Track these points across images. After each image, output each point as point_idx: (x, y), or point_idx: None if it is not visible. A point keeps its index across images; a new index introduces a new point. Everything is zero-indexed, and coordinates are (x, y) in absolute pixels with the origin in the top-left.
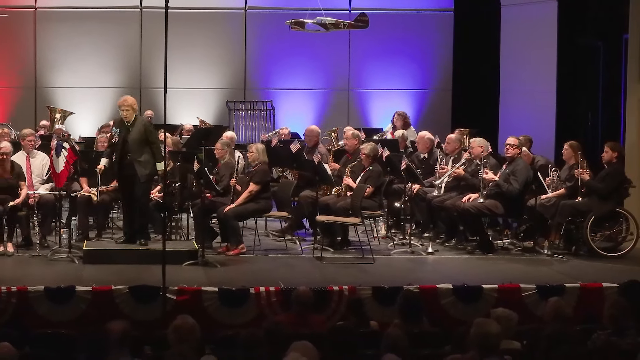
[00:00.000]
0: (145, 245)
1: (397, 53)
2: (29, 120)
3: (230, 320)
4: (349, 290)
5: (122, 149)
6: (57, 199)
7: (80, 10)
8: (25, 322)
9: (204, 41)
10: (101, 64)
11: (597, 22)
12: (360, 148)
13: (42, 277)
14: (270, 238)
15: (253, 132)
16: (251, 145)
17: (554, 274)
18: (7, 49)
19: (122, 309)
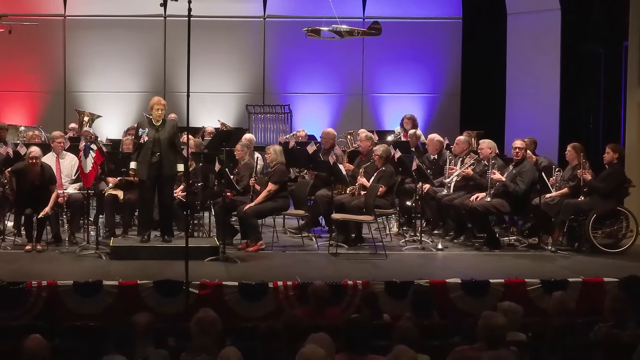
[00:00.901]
0: (169, 241)
1: (408, 59)
2: (59, 123)
3: (249, 313)
4: (362, 284)
5: (152, 149)
6: (85, 198)
7: (108, 18)
8: (55, 315)
9: (225, 48)
10: (127, 69)
11: (599, 30)
12: (374, 149)
13: (71, 272)
14: (287, 235)
15: (271, 135)
16: (269, 146)
17: (558, 269)
18: (38, 56)
19: (147, 303)
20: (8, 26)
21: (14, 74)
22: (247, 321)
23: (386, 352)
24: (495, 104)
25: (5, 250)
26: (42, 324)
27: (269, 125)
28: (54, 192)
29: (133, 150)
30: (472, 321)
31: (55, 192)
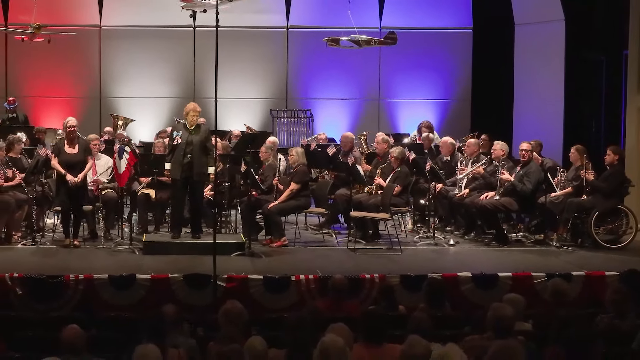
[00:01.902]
0: (198, 238)
1: (422, 67)
2: (95, 126)
3: (273, 304)
4: (379, 278)
5: (184, 151)
6: (119, 196)
7: (140, 28)
8: (92, 307)
9: (250, 56)
10: (159, 76)
11: (600, 40)
12: (390, 151)
13: (106, 267)
14: (309, 232)
15: (294, 137)
16: (292, 149)
17: (562, 263)
18: (75, 64)
19: (177, 295)
20: (47, 36)
21: (53, 80)
22: (271, 312)
23: (401, 341)
24: (503, 108)
25: (45, 246)
26: (79, 315)
27: (291, 129)
28: (89, 162)
29: (167, 152)
30: (481, 312)
31: (91, 162)
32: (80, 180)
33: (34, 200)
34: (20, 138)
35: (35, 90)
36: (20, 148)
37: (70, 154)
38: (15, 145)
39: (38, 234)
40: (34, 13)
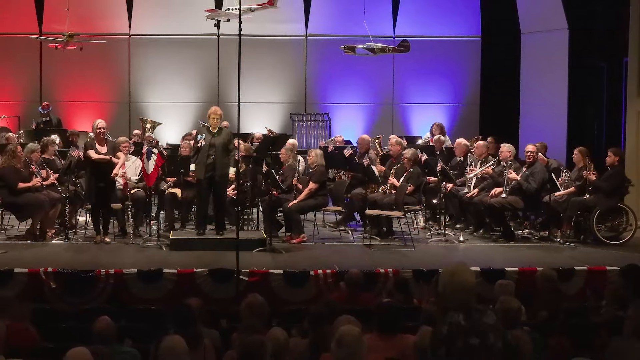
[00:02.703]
0: (222, 234)
1: (433, 73)
2: (124, 129)
3: (293, 298)
4: (393, 272)
5: (208, 153)
6: (147, 195)
7: (168, 37)
8: (122, 299)
9: (272, 63)
10: (185, 82)
11: (602, 47)
12: (403, 153)
13: (135, 262)
14: (326, 229)
15: (312, 140)
16: (311, 150)
17: (566, 258)
18: (106, 70)
19: (202, 289)
20: (79, 44)
21: (85, 86)
22: (291, 305)
23: (414, 332)
24: (510, 112)
25: (77, 242)
26: (110, 307)
27: (310, 132)
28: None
29: (192, 153)
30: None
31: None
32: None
33: (67, 199)
34: (54, 140)
35: (68, 95)
36: (54, 150)
37: (101, 153)
38: (49, 147)
39: (71, 231)
40: (67, 22)
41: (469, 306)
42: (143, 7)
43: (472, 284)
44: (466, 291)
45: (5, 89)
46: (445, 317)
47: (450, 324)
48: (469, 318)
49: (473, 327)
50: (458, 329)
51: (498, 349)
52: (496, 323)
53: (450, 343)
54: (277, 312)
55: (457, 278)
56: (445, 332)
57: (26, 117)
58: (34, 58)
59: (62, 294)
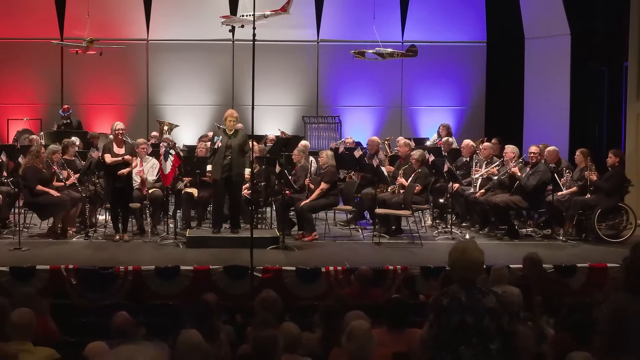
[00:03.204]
0: (237, 232)
1: (440, 77)
2: (142, 131)
3: (305, 293)
4: (401, 269)
5: (224, 154)
6: (165, 195)
7: (184, 42)
8: (140, 295)
9: (284, 67)
10: (201, 85)
11: (603, 52)
12: (411, 154)
13: (153, 259)
14: (337, 227)
15: (324, 141)
16: (322, 151)
17: (568, 256)
18: (124, 74)
19: (218, 285)
20: (99, 49)
21: (104, 89)
22: (303, 300)
23: (421, 326)
24: (514, 114)
25: (97, 240)
26: (128, 303)
27: (321, 133)
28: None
29: (209, 155)
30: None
31: (136, 161)
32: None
33: (87, 198)
34: (74, 142)
35: (88, 98)
36: (74, 151)
37: (119, 154)
38: (70, 149)
39: (91, 229)
40: (87, 28)
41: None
42: (160, 14)
43: (480, 260)
44: (474, 267)
45: (28, 92)
46: (448, 290)
47: (452, 298)
48: (471, 297)
49: (472, 306)
50: (459, 304)
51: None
52: (495, 306)
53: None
54: (289, 307)
55: (467, 254)
56: (445, 304)
57: (48, 119)
58: (55, 63)
59: (82, 290)
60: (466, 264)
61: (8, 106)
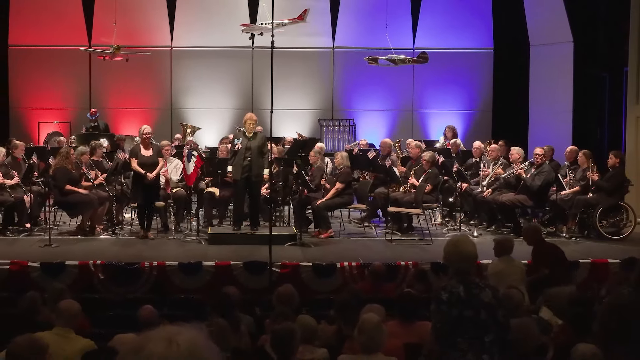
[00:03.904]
0: (256, 230)
1: (450, 82)
2: (166, 134)
3: (321, 288)
4: (413, 264)
5: (244, 155)
6: (188, 194)
7: (206, 49)
8: (164, 289)
9: (301, 73)
10: (222, 90)
11: (604, 59)
12: (422, 155)
13: (176, 255)
14: (352, 225)
15: (339, 143)
16: (337, 153)
17: (571, 252)
18: (149, 79)
19: (238, 279)
20: (125, 56)
21: (130, 94)
22: (319, 294)
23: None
24: (520, 118)
25: (123, 237)
26: (154, 297)
27: (336, 136)
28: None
29: (230, 156)
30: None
31: (161, 163)
32: (155, 175)
33: (114, 197)
34: (102, 144)
35: (114, 102)
36: (102, 152)
37: (146, 156)
38: (97, 150)
39: (117, 226)
40: (114, 36)
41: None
42: (184, 22)
43: (473, 253)
44: (468, 259)
45: (58, 96)
46: (447, 286)
47: (451, 293)
48: (469, 292)
49: (470, 300)
50: (458, 299)
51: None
52: (491, 301)
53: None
54: (306, 301)
55: (460, 248)
56: (444, 298)
57: (77, 122)
58: (84, 68)
59: (109, 285)
60: (460, 257)
61: (39, 110)
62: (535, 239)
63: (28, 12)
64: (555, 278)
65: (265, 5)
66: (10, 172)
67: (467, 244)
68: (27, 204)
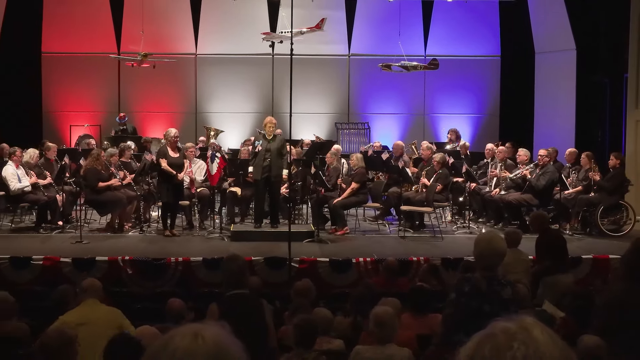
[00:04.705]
0: (276, 227)
1: (459, 87)
2: (191, 136)
3: (337, 282)
4: (424, 260)
5: (264, 157)
6: (211, 193)
7: (229, 56)
8: (189, 283)
9: (319, 78)
10: (243, 95)
11: (605, 65)
12: (433, 157)
13: (200, 251)
14: (366, 222)
15: (354, 145)
16: (353, 154)
17: (574, 248)
18: (175, 85)
19: (259, 274)
20: (152, 62)
21: (157, 98)
22: (335, 288)
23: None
24: (526, 121)
25: (150, 234)
26: (179, 290)
27: (352, 138)
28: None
29: (250, 157)
30: None
31: (187, 164)
32: (183, 176)
33: (142, 196)
34: (130, 145)
35: (142, 106)
36: (130, 154)
37: (174, 157)
38: (126, 152)
39: (145, 224)
40: (142, 44)
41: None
42: (208, 31)
43: (504, 249)
44: (499, 255)
45: (89, 101)
46: (472, 279)
47: (473, 286)
48: (490, 287)
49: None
50: (478, 292)
51: None
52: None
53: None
54: (323, 294)
55: (493, 244)
56: (466, 290)
57: (106, 125)
58: (113, 74)
59: (137, 279)
60: (492, 252)
61: (70, 114)
62: (542, 226)
63: (60, 22)
64: (554, 267)
65: (284, 15)
66: (43, 172)
67: (499, 240)
68: (59, 203)
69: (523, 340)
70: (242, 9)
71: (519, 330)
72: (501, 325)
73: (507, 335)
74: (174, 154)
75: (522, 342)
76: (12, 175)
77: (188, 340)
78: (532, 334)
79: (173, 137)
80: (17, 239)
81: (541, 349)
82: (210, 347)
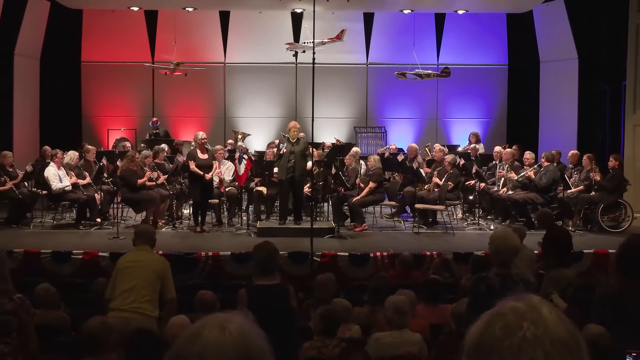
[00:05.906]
0: (299, 224)
1: (469, 94)
2: (220, 139)
3: (356, 275)
4: (437, 254)
5: (288, 158)
6: (239, 192)
7: (256, 65)
8: (218, 277)
9: (339, 86)
10: (269, 101)
11: (605, 73)
12: (444, 158)
13: (229, 246)
14: (383, 219)
15: (372, 148)
16: (370, 156)
17: (576, 244)
18: (205, 91)
19: (283, 268)
20: (184, 71)
21: (188, 104)
22: (354, 281)
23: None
24: (531, 125)
25: (182, 230)
26: (209, 283)
27: (370, 141)
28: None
29: (275, 159)
30: None
31: (215, 165)
32: (211, 176)
33: (174, 195)
34: (163, 148)
35: (174, 111)
36: (163, 155)
37: (202, 159)
38: (160, 154)
39: (177, 221)
40: (174, 53)
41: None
42: (235, 42)
43: (518, 245)
44: (513, 251)
45: (125, 106)
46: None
47: (488, 285)
48: (504, 284)
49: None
50: (492, 291)
51: None
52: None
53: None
54: (343, 286)
55: (508, 241)
56: (482, 290)
57: (141, 129)
58: (147, 82)
59: None
60: (507, 249)
61: (108, 118)
62: (548, 223)
63: (99, 33)
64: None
65: (307, 26)
66: (82, 173)
67: (514, 237)
68: (97, 201)
69: (533, 320)
70: (267, 21)
71: (528, 310)
72: (510, 304)
73: (517, 314)
74: (202, 156)
75: (532, 321)
76: (54, 176)
77: (216, 333)
78: (541, 313)
79: (201, 140)
80: (59, 235)
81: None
82: (237, 338)
